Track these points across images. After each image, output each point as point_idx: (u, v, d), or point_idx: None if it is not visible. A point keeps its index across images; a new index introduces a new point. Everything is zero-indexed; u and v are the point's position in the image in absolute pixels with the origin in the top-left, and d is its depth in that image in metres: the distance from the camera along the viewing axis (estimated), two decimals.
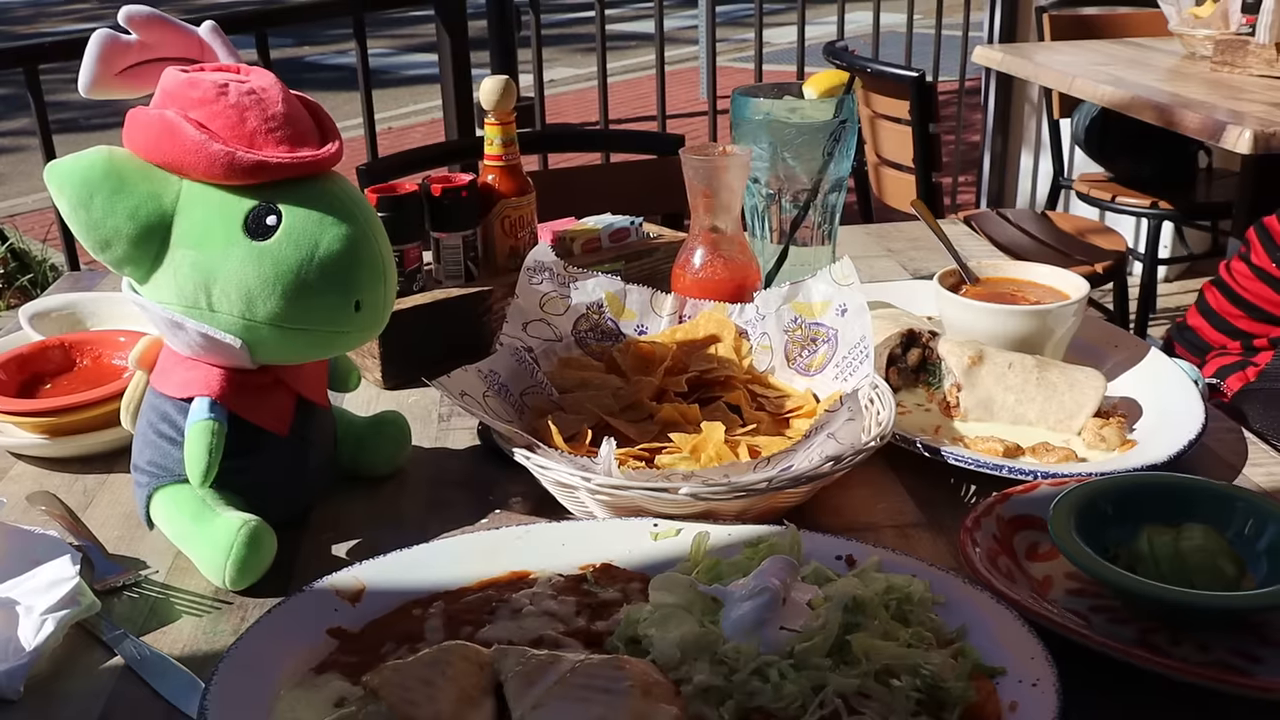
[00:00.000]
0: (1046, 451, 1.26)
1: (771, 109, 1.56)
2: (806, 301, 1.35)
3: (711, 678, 0.85)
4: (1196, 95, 2.98)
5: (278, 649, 0.93)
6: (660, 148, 2.61)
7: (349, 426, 1.27)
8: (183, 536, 1.11)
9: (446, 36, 3.70)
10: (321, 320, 1.06)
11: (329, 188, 1.07)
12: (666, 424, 1.25)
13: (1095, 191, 4.00)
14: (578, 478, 1.08)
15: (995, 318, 1.42)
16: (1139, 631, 0.97)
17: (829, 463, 1.10)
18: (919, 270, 1.89)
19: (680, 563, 1.02)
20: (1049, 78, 3.55)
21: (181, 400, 1.10)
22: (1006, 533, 1.09)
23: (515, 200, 1.57)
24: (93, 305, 1.65)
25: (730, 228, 1.45)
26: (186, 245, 1.04)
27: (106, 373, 1.44)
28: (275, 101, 1.05)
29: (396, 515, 1.21)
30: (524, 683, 0.82)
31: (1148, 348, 1.46)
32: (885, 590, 0.94)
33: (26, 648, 0.95)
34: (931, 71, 4.07)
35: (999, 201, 5.41)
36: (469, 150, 2.62)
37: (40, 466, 1.33)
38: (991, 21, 5.14)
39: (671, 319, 1.42)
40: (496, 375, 1.27)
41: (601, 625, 0.94)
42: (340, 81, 8.48)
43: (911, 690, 0.84)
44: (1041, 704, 0.83)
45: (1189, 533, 1.01)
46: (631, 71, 10.18)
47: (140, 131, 1.05)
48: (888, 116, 3.49)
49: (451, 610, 0.97)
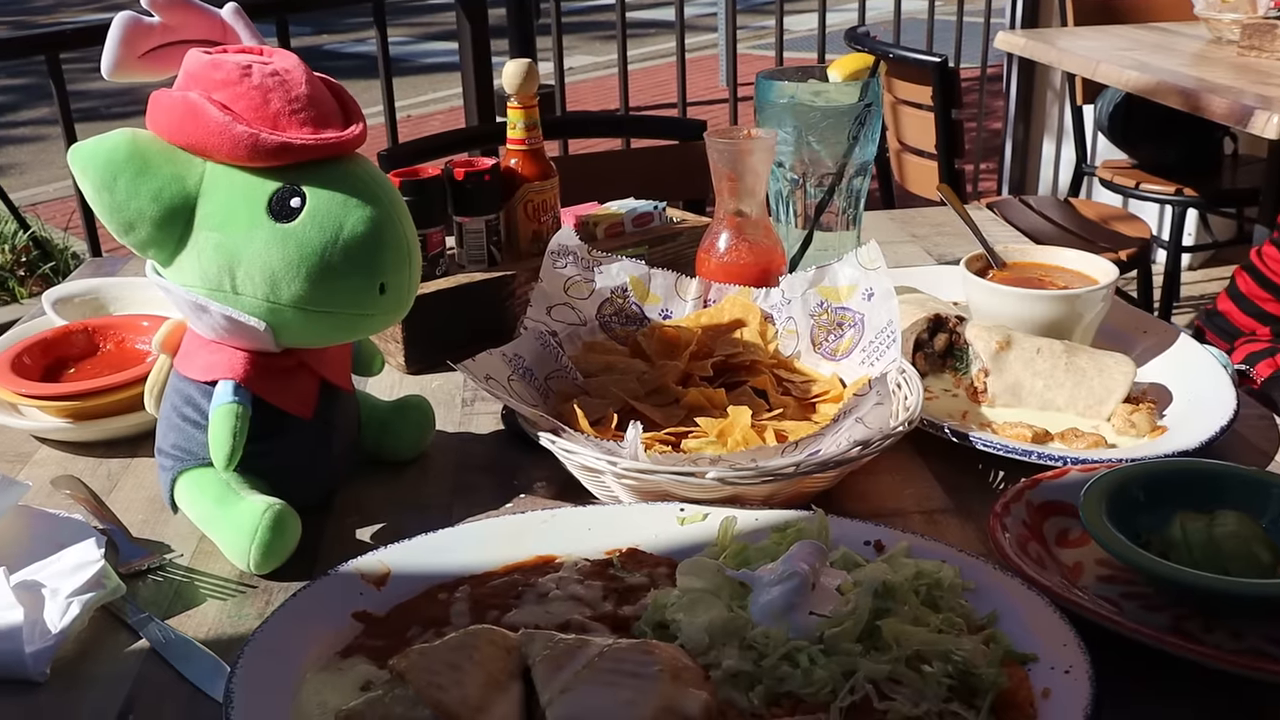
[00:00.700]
0: (1076, 437, 1.25)
1: (796, 92, 1.55)
2: (833, 285, 1.34)
3: (740, 663, 0.84)
4: (1223, 80, 2.94)
5: (303, 632, 0.92)
6: (682, 133, 2.59)
7: (372, 411, 1.26)
8: (207, 520, 1.10)
9: (467, 22, 3.69)
10: (346, 303, 1.06)
11: (353, 169, 1.06)
12: (692, 408, 1.24)
13: (1119, 178, 3.97)
14: (604, 462, 1.08)
15: (1023, 302, 1.41)
16: (1172, 618, 0.96)
17: (857, 447, 1.09)
18: (944, 256, 1.88)
19: (708, 547, 1.01)
20: (1073, 63, 3.52)
21: (205, 384, 1.10)
22: (1036, 519, 1.08)
23: (538, 184, 1.56)
24: (115, 290, 1.66)
25: (755, 211, 1.44)
26: (210, 227, 1.04)
27: (130, 357, 1.44)
28: (299, 83, 1.04)
29: (420, 500, 1.21)
30: (552, 667, 0.81)
31: (1177, 333, 1.45)
32: (915, 576, 0.93)
33: (53, 630, 0.95)
34: (953, 57, 4.03)
35: (1021, 188, 5.37)
36: (490, 136, 2.61)
37: (65, 451, 1.33)
38: (1014, 7, 5.11)
39: (696, 303, 1.41)
40: (521, 359, 1.26)
41: (629, 610, 0.94)
42: (359, 70, 8.48)
43: (943, 676, 0.83)
44: (1074, 691, 0.82)
45: (1223, 519, 1.00)
46: (650, 59, 10.16)
47: (164, 113, 1.04)
48: (910, 102, 3.47)
49: (477, 594, 0.97)
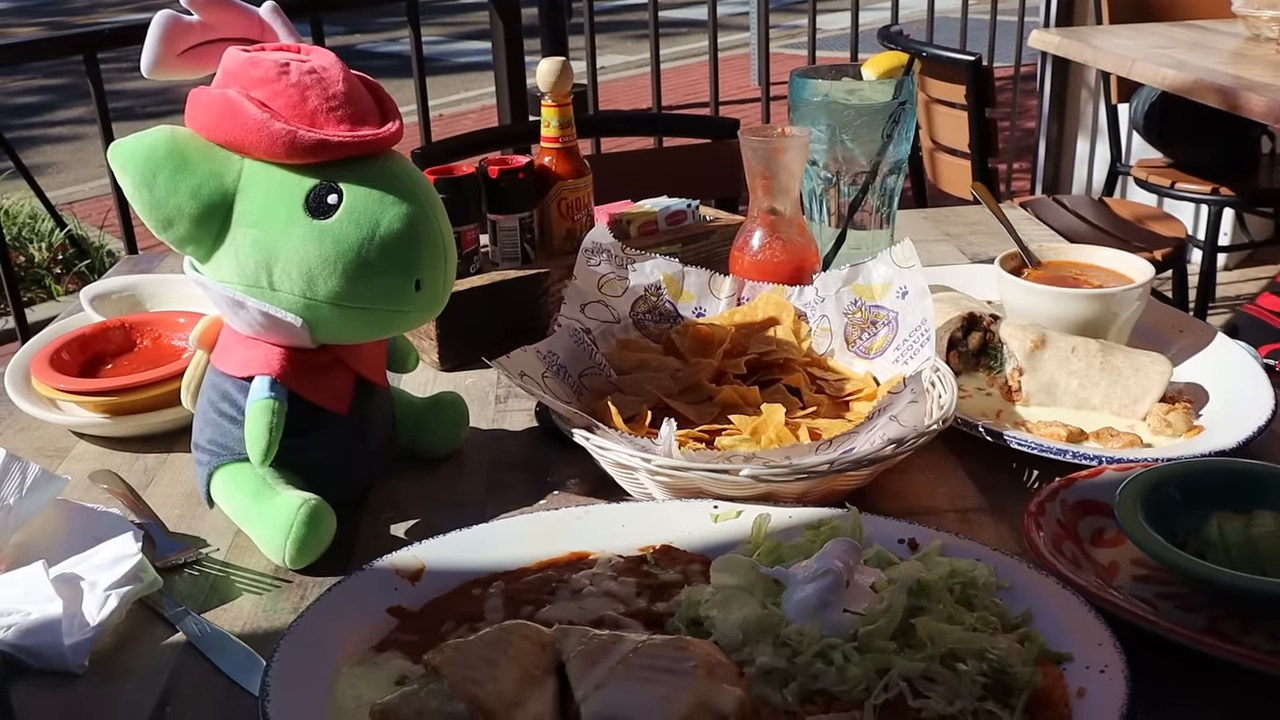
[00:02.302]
0: (1111, 437, 1.24)
1: (830, 90, 1.55)
2: (867, 284, 1.34)
3: (774, 660, 0.84)
4: (1261, 78, 2.91)
5: (338, 627, 0.93)
6: (716, 131, 2.59)
7: (407, 407, 1.27)
8: (243, 515, 1.11)
9: (500, 21, 3.69)
10: (382, 299, 1.06)
11: (390, 167, 1.07)
12: (726, 406, 1.24)
13: (1154, 177, 3.94)
14: (638, 459, 1.08)
15: (1058, 301, 1.40)
16: (1208, 619, 0.95)
17: (891, 445, 1.08)
18: (977, 255, 1.87)
19: (741, 545, 1.01)
20: (1108, 61, 3.49)
21: (242, 379, 1.10)
22: (1071, 518, 1.08)
23: (572, 182, 1.57)
24: (152, 287, 1.67)
25: (789, 210, 1.43)
26: (248, 224, 1.05)
27: (166, 353, 1.45)
28: (336, 80, 1.05)
29: (455, 496, 1.21)
30: (586, 662, 0.81)
31: (1214, 332, 1.43)
32: (949, 574, 0.93)
33: (91, 622, 0.96)
34: (987, 56, 4.01)
35: (1055, 188, 5.34)
36: (523, 135, 2.62)
37: (102, 445, 1.34)
38: (1048, 5, 5.08)
39: (730, 301, 1.41)
40: (555, 356, 1.26)
41: (662, 607, 0.94)
42: (391, 69, 8.52)
43: (977, 675, 0.83)
44: (1110, 691, 0.82)
45: (1260, 519, 0.99)
46: (681, 59, 10.14)
47: (202, 111, 1.05)
48: (943, 101, 3.45)
49: (511, 590, 0.97)
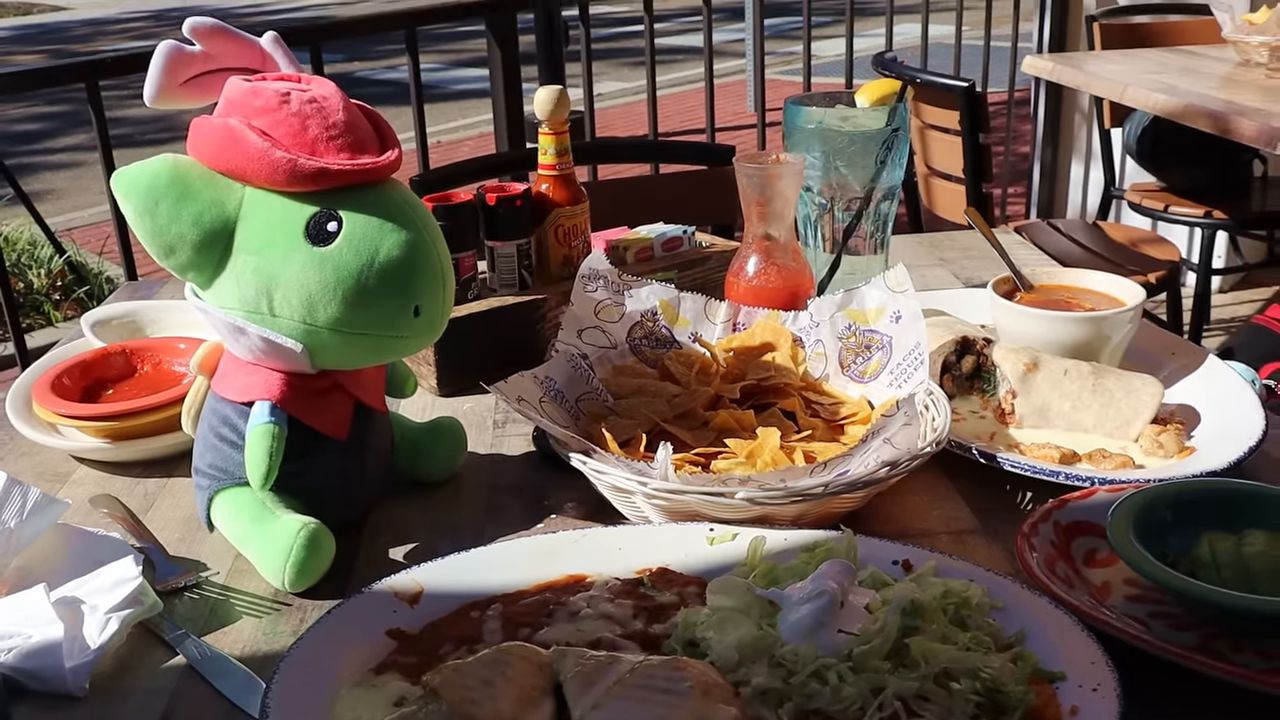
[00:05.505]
0: (1104, 458, 1.25)
1: (824, 117, 1.57)
2: (860, 308, 1.35)
3: (770, 680, 0.85)
4: (1252, 103, 2.94)
5: (337, 649, 0.94)
6: (711, 158, 2.61)
7: (405, 432, 1.28)
8: (243, 538, 1.12)
9: (497, 49, 3.72)
10: (381, 325, 1.08)
11: (389, 194, 1.08)
12: (722, 430, 1.25)
13: (1147, 201, 3.96)
14: (634, 482, 1.09)
15: (1051, 325, 1.41)
16: (1200, 638, 0.96)
17: (885, 468, 1.10)
18: (971, 279, 1.89)
19: (737, 567, 1.02)
20: (1100, 87, 3.52)
21: (242, 404, 1.12)
22: (1064, 538, 1.09)
23: (569, 209, 1.58)
24: (153, 313, 1.68)
25: (784, 236, 1.45)
26: (249, 251, 1.06)
27: (167, 378, 1.46)
28: (336, 110, 1.07)
29: (453, 520, 1.22)
30: (583, 683, 0.82)
31: (1205, 354, 1.45)
32: (943, 594, 0.94)
33: (91, 646, 0.97)
34: (981, 82, 4.05)
35: (1049, 212, 5.37)
36: (520, 162, 2.64)
37: (103, 470, 1.35)
38: (1041, 31, 5.11)
39: (725, 326, 1.42)
40: (553, 381, 1.27)
41: (659, 628, 0.95)
42: (390, 96, 8.57)
43: (971, 693, 0.84)
44: (1102, 709, 0.83)
45: (1252, 539, 1.00)
46: (677, 85, 10.20)
47: (204, 139, 1.07)
48: (937, 127, 3.48)
49: (509, 612, 0.98)
